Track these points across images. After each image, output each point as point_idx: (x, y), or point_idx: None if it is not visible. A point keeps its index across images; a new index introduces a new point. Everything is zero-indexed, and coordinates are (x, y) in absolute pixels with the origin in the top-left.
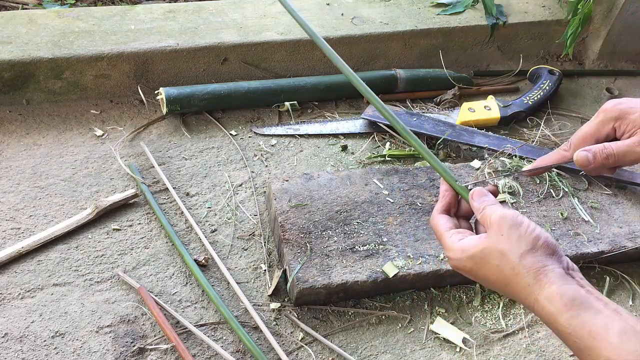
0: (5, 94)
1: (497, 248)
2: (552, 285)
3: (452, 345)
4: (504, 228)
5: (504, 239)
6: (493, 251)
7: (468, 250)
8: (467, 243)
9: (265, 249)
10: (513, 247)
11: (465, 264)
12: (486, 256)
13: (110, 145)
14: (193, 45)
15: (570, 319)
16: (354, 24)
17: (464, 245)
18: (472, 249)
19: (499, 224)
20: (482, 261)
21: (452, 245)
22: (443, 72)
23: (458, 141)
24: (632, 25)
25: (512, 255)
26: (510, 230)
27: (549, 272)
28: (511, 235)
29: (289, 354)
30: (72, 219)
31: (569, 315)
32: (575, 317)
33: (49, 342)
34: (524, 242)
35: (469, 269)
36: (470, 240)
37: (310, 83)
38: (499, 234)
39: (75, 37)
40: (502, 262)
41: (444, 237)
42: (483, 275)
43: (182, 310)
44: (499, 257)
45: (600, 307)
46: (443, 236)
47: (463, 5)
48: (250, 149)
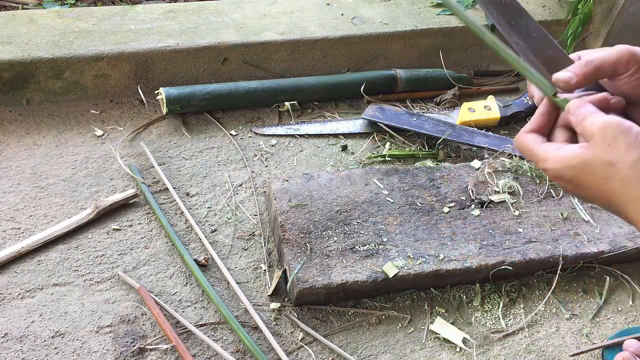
0: (5, 94)
1: (604, 159)
2: None
3: (452, 345)
4: (610, 136)
5: (610, 148)
6: (599, 162)
7: (569, 160)
8: (567, 151)
9: (265, 249)
10: (623, 156)
11: (565, 173)
12: (590, 167)
13: (110, 145)
14: (193, 45)
15: None
16: (354, 24)
17: (564, 154)
18: (574, 159)
19: (603, 132)
20: (584, 171)
21: (549, 154)
22: (443, 72)
23: (458, 141)
24: (632, 25)
25: (621, 164)
26: (617, 139)
27: None
28: (619, 143)
29: (289, 354)
30: (72, 219)
31: None
32: None
33: (49, 342)
34: (635, 149)
35: (569, 178)
36: (571, 149)
37: (310, 83)
38: (604, 143)
39: (75, 37)
40: (610, 173)
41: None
42: (585, 186)
43: (182, 310)
44: (607, 169)
45: None
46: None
47: (463, 6)
48: (250, 149)
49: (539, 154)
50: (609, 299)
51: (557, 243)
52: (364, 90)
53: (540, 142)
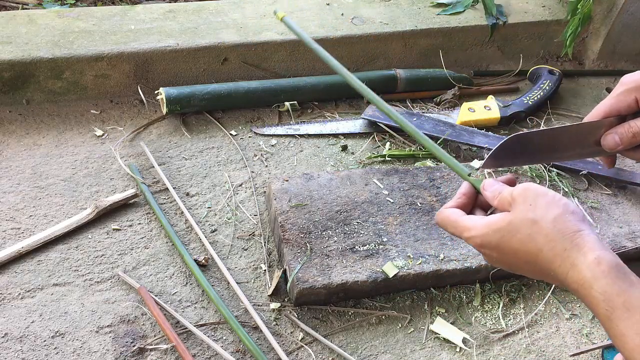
0: (5, 94)
1: (527, 217)
2: (591, 250)
3: (452, 345)
4: (530, 197)
5: (532, 207)
6: (523, 221)
7: (494, 224)
8: (492, 218)
9: (265, 249)
10: (545, 214)
11: (490, 238)
12: (515, 227)
13: (110, 145)
14: (193, 45)
15: (606, 286)
16: (354, 24)
17: (489, 220)
18: (499, 223)
19: (524, 194)
20: (509, 233)
21: (474, 222)
22: (443, 72)
23: (458, 141)
24: (632, 25)
25: (544, 221)
26: (537, 199)
27: (585, 236)
28: (539, 202)
29: (289, 354)
30: (72, 219)
31: (605, 282)
32: (611, 285)
33: (49, 342)
34: (555, 206)
35: (495, 244)
36: (495, 216)
37: (310, 83)
38: (526, 204)
39: (75, 37)
40: (533, 230)
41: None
42: (510, 249)
43: (182, 310)
44: (530, 226)
45: (637, 281)
46: (459, 220)
47: (463, 5)
48: (250, 149)
49: (464, 224)
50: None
51: None
52: None
53: (463, 214)
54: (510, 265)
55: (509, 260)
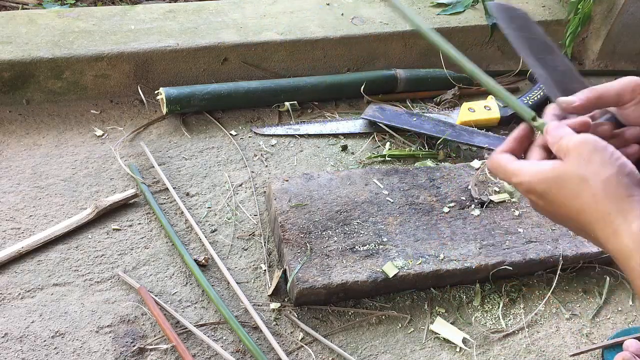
0: (5, 94)
1: (578, 173)
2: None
3: (452, 345)
4: (585, 152)
5: (585, 163)
6: (572, 176)
7: (542, 173)
8: (541, 165)
9: (265, 249)
10: (597, 171)
11: (537, 186)
12: (563, 181)
13: (110, 145)
14: (193, 45)
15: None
16: (354, 24)
17: (537, 168)
18: (548, 173)
19: (579, 148)
20: (556, 185)
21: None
22: (443, 72)
23: (458, 141)
24: (632, 25)
25: (594, 180)
26: (593, 154)
27: (635, 202)
28: (594, 159)
29: (289, 354)
30: (72, 219)
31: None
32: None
33: (49, 342)
34: (609, 166)
35: (541, 192)
36: (545, 163)
37: (310, 83)
38: (580, 159)
39: (75, 37)
40: (581, 187)
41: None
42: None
43: (182, 310)
44: (579, 183)
45: None
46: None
47: (463, 5)
48: (250, 149)
49: (512, 169)
50: (609, 299)
51: (557, 243)
52: (364, 90)
53: (514, 159)
54: (555, 217)
55: (554, 211)
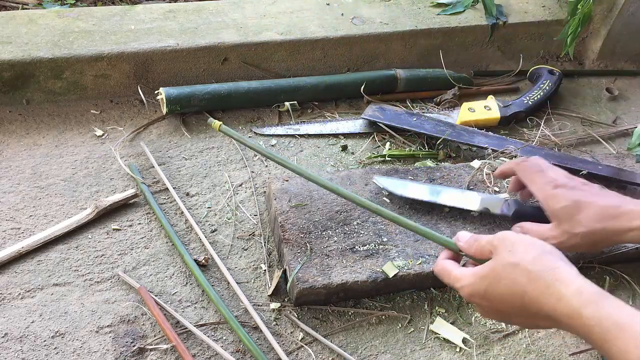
0: (5, 94)
1: (508, 262)
2: (572, 281)
3: (452, 345)
4: (509, 244)
5: (511, 253)
6: (505, 266)
7: (479, 272)
8: (478, 268)
9: (265, 249)
10: (524, 256)
11: (478, 287)
12: (498, 273)
13: (110, 145)
14: (193, 45)
15: (595, 311)
16: (354, 24)
17: (475, 270)
18: (484, 270)
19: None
20: (495, 279)
21: (463, 273)
22: (443, 72)
23: (458, 141)
24: (632, 25)
25: (524, 263)
26: (515, 245)
27: (564, 271)
28: (517, 248)
29: (289, 354)
30: (72, 219)
31: (594, 307)
32: (600, 309)
33: (49, 342)
34: (532, 248)
35: (483, 292)
36: (480, 266)
37: (310, 83)
38: (506, 251)
39: (75, 37)
40: (515, 273)
41: (452, 272)
42: (498, 294)
43: (182, 310)
44: (512, 270)
45: (622, 302)
46: (452, 272)
47: (463, 5)
48: None
49: (455, 275)
50: None
51: None
52: (364, 90)
53: (456, 266)
54: (501, 313)
55: (498, 308)
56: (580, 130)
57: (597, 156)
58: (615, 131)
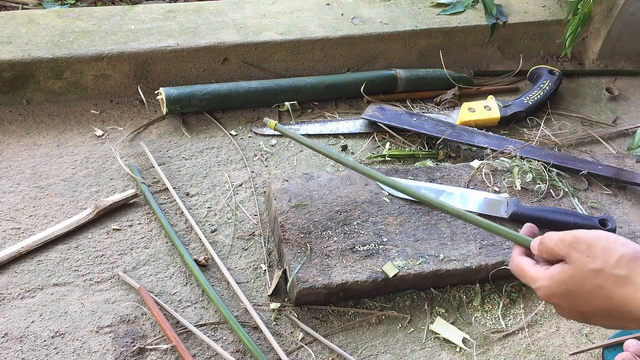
0: (5, 94)
1: (589, 268)
2: None
3: (452, 345)
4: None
5: (590, 258)
6: (586, 273)
7: (557, 276)
8: (554, 270)
9: (265, 249)
10: (606, 260)
11: (556, 290)
12: (579, 281)
13: (110, 145)
14: (193, 45)
15: None
16: (354, 24)
17: (551, 272)
18: (561, 276)
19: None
20: (575, 286)
21: (539, 274)
22: (443, 72)
23: (458, 141)
24: (632, 25)
25: (608, 267)
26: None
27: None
28: (596, 250)
29: (289, 354)
30: (72, 219)
31: None
32: None
33: (49, 342)
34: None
35: (562, 295)
36: (557, 268)
37: (310, 83)
38: (583, 255)
39: (75, 37)
40: (599, 278)
41: (527, 270)
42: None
43: (182, 310)
44: (595, 276)
45: None
46: (526, 270)
47: (463, 5)
48: (250, 149)
49: (531, 275)
50: None
51: None
52: (364, 90)
53: (531, 264)
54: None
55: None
56: (580, 130)
57: (597, 156)
58: (615, 131)
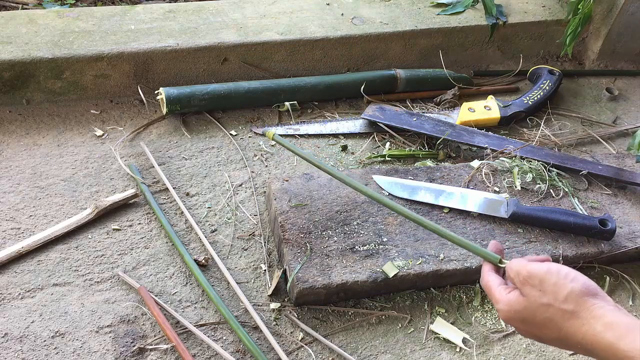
0: (5, 94)
1: (540, 302)
2: (607, 316)
3: (452, 345)
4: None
5: (542, 293)
6: (537, 306)
7: (515, 305)
8: (512, 297)
9: (265, 249)
10: (555, 296)
11: (513, 317)
12: (532, 313)
13: (110, 145)
14: (193, 45)
15: (631, 343)
16: (354, 24)
17: (510, 299)
18: (517, 305)
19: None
20: (530, 316)
21: (501, 297)
22: (443, 72)
23: (458, 141)
24: (632, 25)
25: (557, 303)
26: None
27: (599, 307)
28: (547, 286)
29: (289, 354)
30: (72, 219)
31: (630, 339)
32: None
33: (49, 342)
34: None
35: (518, 321)
36: (514, 296)
37: (310, 83)
38: (535, 290)
39: (75, 37)
40: (549, 312)
41: (493, 290)
42: (534, 327)
43: (182, 310)
44: (545, 310)
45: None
46: (492, 289)
47: (463, 5)
48: (250, 149)
49: (495, 297)
50: None
51: (557, 243)
52: (364, 90)
53: (497, 284)
54: (541, 339)
55: (534, 335)
56: (580, 130)
57: (597, 156)
58: (615, 131)
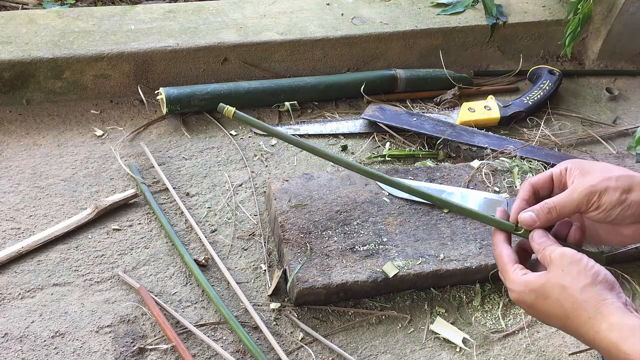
0: (5, 94)
1: (558, 282)
2: (613, 316)
3: (452, 345)
4: (564, 264)
5: (564, 274)
6: (554, 285)
7: (530, 284)
8: (530, 277)
9: (265, 249)
10: (574, 281)
11: (526, 297)
12: (547, 290)
13: (110, 145)
14: (193, 45)
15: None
16: (354, 24)
17: (527, 279)
18: (534, 283)
19: (559, 260)
20: (542, 295)
21: (516, 278)
22: (443, 72)
23: (458, 141)
24: (632, 25)
25: (572, 289)
26: (570, 266)
27: (609, 305)
28: (571, 270)
29: (289, 354)
30: (72, 219)
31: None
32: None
33: (49, 342)
34: (584, 276)
35: (530, 303)
36: (533, 275)
37: (310, 83)
38: (559, 270)
39: (75, 37)
40: (562, 296)
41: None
42: (543, 310)
43: (182, 310)
44: (560, 291)
45: None
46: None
47: (463, 5)
48: (250, 149)
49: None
50: None
51: None
52: (364, 90)
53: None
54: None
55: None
56: (580, 130)
57: (597, 156)
58: (615, 131)
